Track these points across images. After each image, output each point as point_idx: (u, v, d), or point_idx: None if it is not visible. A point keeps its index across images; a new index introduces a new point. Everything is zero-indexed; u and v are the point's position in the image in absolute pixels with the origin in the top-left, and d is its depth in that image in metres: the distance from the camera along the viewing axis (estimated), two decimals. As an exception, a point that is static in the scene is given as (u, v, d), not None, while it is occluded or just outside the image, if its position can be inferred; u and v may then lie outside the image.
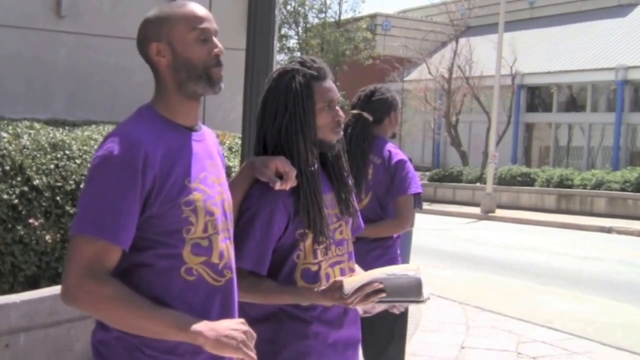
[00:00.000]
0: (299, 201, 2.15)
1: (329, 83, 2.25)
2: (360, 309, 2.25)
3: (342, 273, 2.23)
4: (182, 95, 1.91)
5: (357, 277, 2.12)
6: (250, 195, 2.16)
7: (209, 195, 1.90)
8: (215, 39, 1.92)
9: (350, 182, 2.34)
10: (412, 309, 6.26)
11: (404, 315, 3.51)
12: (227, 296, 1.95)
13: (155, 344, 1.82)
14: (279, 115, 2.20)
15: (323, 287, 2.14)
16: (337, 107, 2.27)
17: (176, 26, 1.88)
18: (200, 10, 1.92)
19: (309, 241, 2.16)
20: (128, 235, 1.78)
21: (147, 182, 1.79)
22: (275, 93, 2.22)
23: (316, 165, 2.24)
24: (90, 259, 1.75)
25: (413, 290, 2.14)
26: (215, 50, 1.90)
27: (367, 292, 2.06)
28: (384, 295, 2.09)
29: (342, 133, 2.29)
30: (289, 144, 2.18)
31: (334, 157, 2.31)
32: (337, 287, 2.09)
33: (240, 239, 2.11)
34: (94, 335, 1.90)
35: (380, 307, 2.24)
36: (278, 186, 2.10)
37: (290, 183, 2.12)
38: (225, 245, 1.92)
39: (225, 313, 1.94)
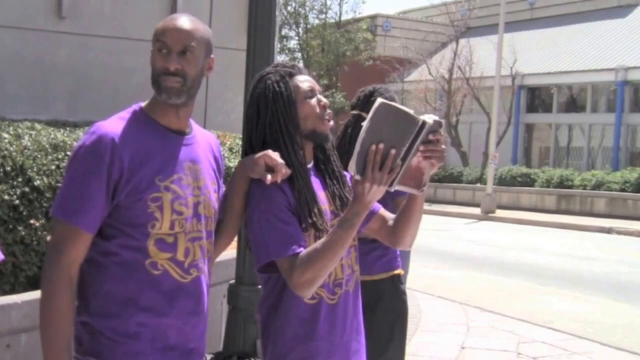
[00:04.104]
0: (296, 195, 2.14)
1: (305, 77, 2.27)
2: (403, 187, 2.11)
3: (343, 270, 2.23)
4: (159, 101, 2.05)
5: (351, 161, 2.01)
6: (252, 197, 2.16)
7: (179, 196, 2.01)
8: (174, 55, 1.99)
9: (342, 177, 2.32)
10: (412, 310, 6.27)
11: (404, 316, 3.51)
12: (195, 293, 2.05)
13: (118, 329, 1.96)
14: (261, 114, 2.21)
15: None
16: (320, 96, 2.25)
17: (153, 37, 2.04)
18: (170, 23, 2.03)
19: (311, 237, 2.14)
20: (90, 218, 1.93)
21: (114, 172, 1.93)
22: (254, 96, 2.24)
23: (311, 164, 2.25)
24: (58, 240, 1.93)
25: (403, 117, 1.97)
26: (165, 64, 1.99)
27: (375, 160, 1.97)
28: (393, 151, 1.96)
29: (332, 123, 2.28)
30: (276, 140, 2.18)
31: (324, 154, 2.30)
32: (353, 184, 2.03)
33: (265, 237, 2.10)
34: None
35: (415, 159, 2.07)
36: (269, 180, 2.10)
37: (280, 175, 2.12)
38: (192, 244, 2.03)
39: (193, 309, 2.04)
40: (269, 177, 2.10)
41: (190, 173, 2.05)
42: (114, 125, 1.98)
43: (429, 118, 2.03)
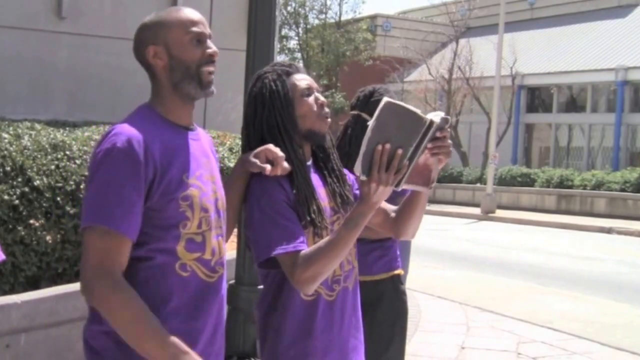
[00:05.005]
0: (295, 192, 2.14)
1: (303, 75, 2.26)
2: (411, 185, 2.08)
3: (342, 266, 2.22)
4: (177, 96, 1.99)
5: (357, 162, 1.98)
6: (251, 193, 2.16)
7: (204, 192, 1.97)
8: (209, 42, 2.00)
9: (343, 175, 2.32)
10: (412, 310, 6.27)
11: (404, 316, 3.51)
12: (219, 292, 2.01)
13: None
14: (258, 112, 2.21)
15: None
16: (317, 94, 2.24)
17: (172, 29, 1.97)
18: (195, 14, 2.02)
19: (310, 235, 2.14)
20: (133, 223, 1.83)
21: (148, 173, 1.85)
22: (252, 95, 2.25)
23: (310, 162, 2.25)
24: (104, 254, 1.80)
25: (410, 116, 1.93)
26: (209, 50, 1.99)
27: (381, 160, 1.95)
28: (400, 151, 1.93)
29: (329, 121, 2.27)
30: (274, 139, 2.18)
31: (324, 152, 2.29)
32: (360, 185, 2.01)
33: (266, 233, 2.08)
34: (85, 330, 1.94)
35: (422, 157, 2.04)
36: (269, 171, 2.09)
37: (280, 168, 2.11)
38: (217, 241, 2.00)
39: (219, 309, 2.01)
40: (268, 167, 2.09)
41: (207, 168, 2.02)
42: (136, 125, 1.89)
43: (436, 116, 2.01)
